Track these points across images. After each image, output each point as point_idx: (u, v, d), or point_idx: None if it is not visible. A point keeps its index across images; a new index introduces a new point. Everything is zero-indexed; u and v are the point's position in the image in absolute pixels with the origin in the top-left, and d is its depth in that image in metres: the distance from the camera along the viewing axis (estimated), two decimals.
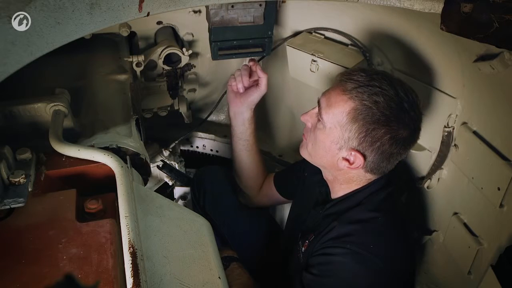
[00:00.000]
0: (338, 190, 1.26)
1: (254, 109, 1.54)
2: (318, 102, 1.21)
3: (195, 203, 1.79)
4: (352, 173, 1.20)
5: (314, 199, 1.38)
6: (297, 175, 1.55)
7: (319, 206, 1.33)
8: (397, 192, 1.27)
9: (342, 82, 1.16)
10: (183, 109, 1.81)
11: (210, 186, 1.76)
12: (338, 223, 1.17)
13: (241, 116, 1.54)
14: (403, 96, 1.11)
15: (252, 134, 1.59)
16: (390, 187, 1.22)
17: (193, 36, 1.75)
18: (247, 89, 1.51)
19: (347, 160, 1.17)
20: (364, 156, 1.14)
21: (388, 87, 1.11)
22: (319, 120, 1.19)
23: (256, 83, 1.50)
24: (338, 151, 1.17)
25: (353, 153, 1.15)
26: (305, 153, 1.30)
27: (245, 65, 1.51)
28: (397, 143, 1.13)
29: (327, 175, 1.29)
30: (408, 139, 1.14)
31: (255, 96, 1.49)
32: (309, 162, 1.31)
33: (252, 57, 1.55)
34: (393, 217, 1.18)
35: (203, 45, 1.78)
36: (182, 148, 2.14)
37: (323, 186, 1.34)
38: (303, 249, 1.29)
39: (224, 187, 1.78)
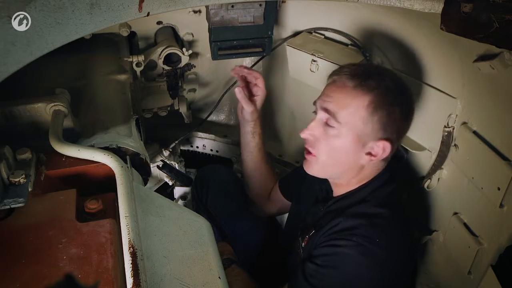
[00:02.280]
0: (342, 188, 1.26)
1: (256, 124, 1.55)
2: (323, 109, 1.17)
3: (197, 200, 1.80)
4: (369, 166, 1.20)
5: (314, 196, 1.38)
6: (299, 175, 1.55)
7: (320, 203, 1.33)
8: (399, 190, 1.27)
9: (342, 80, 1.16)
10: (183, 109, 1.81)
11: (214, 184, 1.78)
12: (344, 218, 1.17)
13: (242, 129, 1.59)
14: (394, 72, 1.25)
15: (256, 147, 1.60)
16: (393, 184, 1.23)
17: (193, 36, 1.75)
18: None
19: (370, 154, 1.16)
20: (391, 142, 1.15)
21: (382, 69, 1.25)
22: (329, 127, 1.17)
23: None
24: (362, 148, 1.16)
25: (379, 143, 1.15)
26: (315, 168, 1.24)
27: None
28: (408, 116, 1.19)
29: (337, 180, 1.27)
30: (413, 109, 1.21)
31: (244, 112, 1.52)
32: None
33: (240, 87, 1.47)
34: (397, 213, 1.19)
35: (203, 45, 1.78)
36: (182, 148, 2.14)
37: (323, 183, 1.34)
38: (303, 244, 1.29)
39: (228, 186, 1.79)
